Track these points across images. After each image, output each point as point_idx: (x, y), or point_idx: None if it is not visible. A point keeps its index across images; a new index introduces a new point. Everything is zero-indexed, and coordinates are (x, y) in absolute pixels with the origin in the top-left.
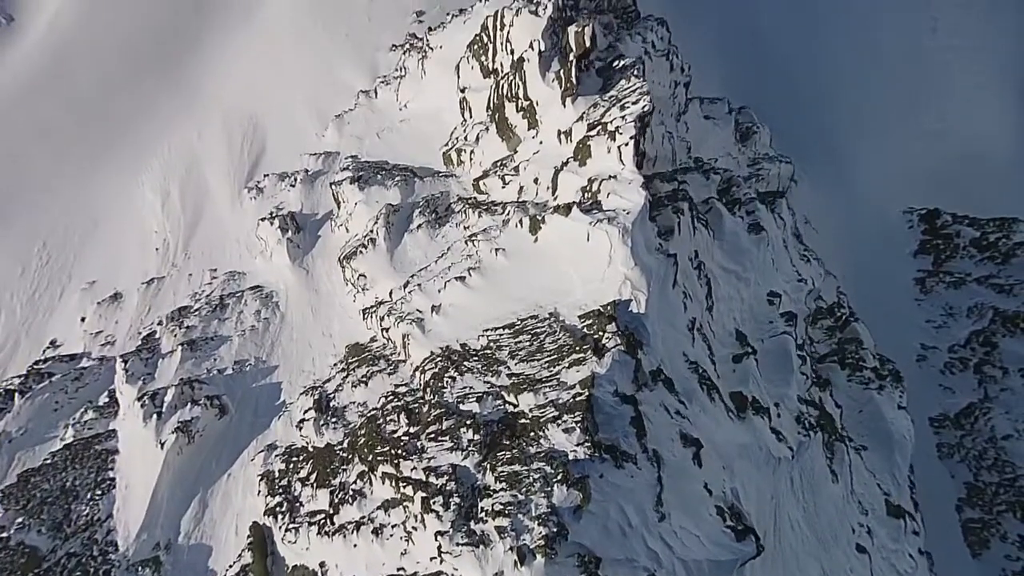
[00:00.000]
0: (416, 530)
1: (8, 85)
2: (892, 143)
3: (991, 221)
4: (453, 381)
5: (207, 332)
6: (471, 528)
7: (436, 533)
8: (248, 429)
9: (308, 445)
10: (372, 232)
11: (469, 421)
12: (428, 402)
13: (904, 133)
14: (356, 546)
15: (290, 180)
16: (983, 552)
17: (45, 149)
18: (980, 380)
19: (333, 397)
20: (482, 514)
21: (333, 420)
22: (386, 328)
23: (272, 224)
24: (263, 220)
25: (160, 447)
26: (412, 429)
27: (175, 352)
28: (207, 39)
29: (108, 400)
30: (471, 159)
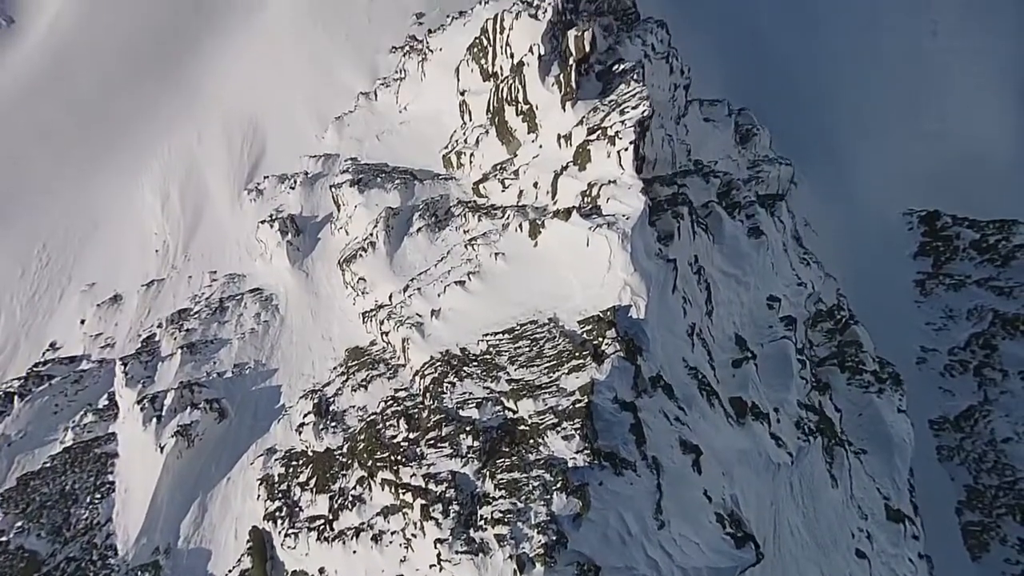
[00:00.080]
0: (415, 537)
1: (8, 87)
2: (892, 145)
3: (991, 223)
4: (453, 386)
5: (207, 335)
6: (470, 536)
7: (435, 540)
8: (248, 433)
9: (308, 449)
10: (372, 235)
11: (468, 427)
12: (428, 407)
13: (904, 135)
14: (355, 552)
15: (290, 182)
16: (983, 555)
17: (45, 151)
18: (980, 383)
19: (333, 401)
20: (481, 522)
21: (333, 424)
22: (386, 332)
23: (272, 227)
24: (263, 222)
25: (160, 451)
26: (412, 435)
27: (175, 355)
28: (207, 41)
29: (108, 403)
30: (471, 162)
